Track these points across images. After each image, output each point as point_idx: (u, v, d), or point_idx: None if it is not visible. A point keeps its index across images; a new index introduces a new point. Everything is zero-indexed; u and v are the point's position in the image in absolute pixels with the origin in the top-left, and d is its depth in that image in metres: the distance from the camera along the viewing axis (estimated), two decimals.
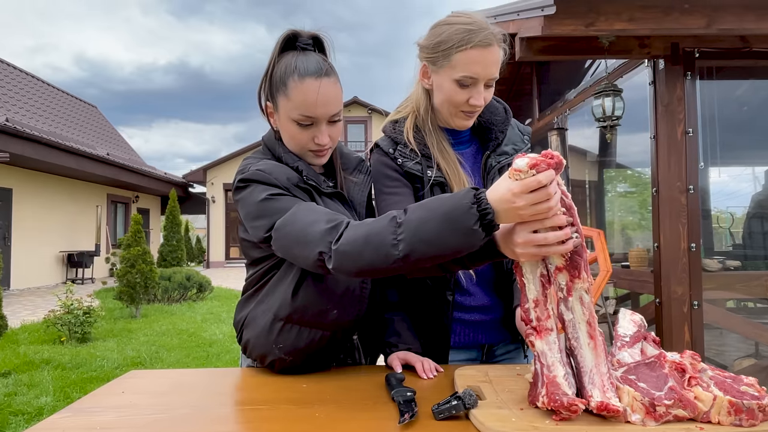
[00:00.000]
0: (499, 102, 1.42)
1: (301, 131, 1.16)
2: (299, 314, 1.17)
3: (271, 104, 1.21)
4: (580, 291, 0.94)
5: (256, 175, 1.14)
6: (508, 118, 1.40)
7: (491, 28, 1.23)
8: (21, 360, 5.13)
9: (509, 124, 1.40)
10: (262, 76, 1.21)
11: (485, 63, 1.21)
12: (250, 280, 1.28)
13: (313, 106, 1.13)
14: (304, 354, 1.19)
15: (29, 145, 10.51)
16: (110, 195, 16.16)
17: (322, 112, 1.14)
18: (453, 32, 1.22)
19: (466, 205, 0.90)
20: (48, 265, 13.07)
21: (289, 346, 1.18)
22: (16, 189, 11.72)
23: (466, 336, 1.42)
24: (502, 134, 1.38)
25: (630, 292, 4.35)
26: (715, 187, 3.74)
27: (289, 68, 1.14)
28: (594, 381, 0.89)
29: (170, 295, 9.64)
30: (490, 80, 1.25)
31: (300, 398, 1.05)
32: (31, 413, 3.67)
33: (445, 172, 1.30)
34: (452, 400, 0.89)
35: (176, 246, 12.66)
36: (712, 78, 3.16)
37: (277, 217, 1.09)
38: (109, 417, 0.95)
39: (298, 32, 1.18)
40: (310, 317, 1.17)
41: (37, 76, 16.68)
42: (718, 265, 3.29)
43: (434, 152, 1.31)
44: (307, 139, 1.17)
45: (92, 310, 6.21)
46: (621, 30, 2.75)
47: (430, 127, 1.34)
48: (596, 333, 0.93)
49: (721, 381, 0.89)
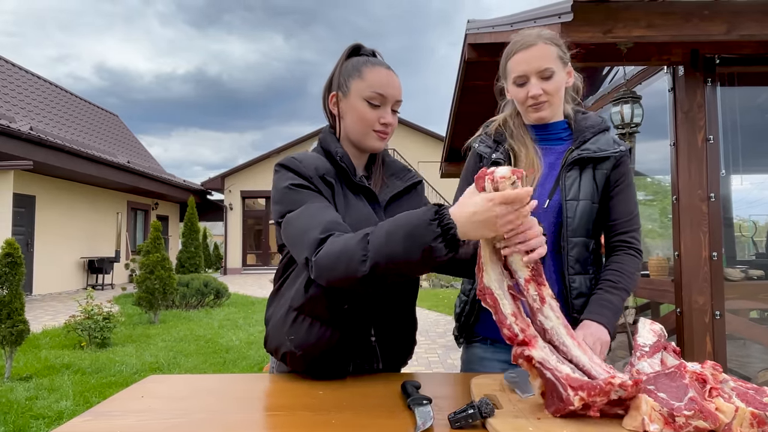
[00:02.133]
0: (601, 117, 1.53)
1: (370, 110, 1.26)
2: (311, 306, 1.21)
3: (339, 93, 1.30)
4: (548, 298, 0.97)
5: (288, 161, 1.24)
6: (602, 128, 1.49)
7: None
8: (42, 364, 5.22)
9: (602, 131, 1.48)
10: (328, 78, 1.34)
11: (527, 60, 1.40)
12: (279, 268, 1.35)
13: (386, 86, 1.26)
14: (316, 350, 1.21)
15: (52, 153, 10.73)
16: (130, 202, 16.40)
17: (392, 93, 1.26)
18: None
19: (425, 221, 0.95)
20: (69, 271, 13.29)
21: (300, 339, 1.22)
22: (39, 196, 11.95)
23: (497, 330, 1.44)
24: (592, 135, 1.47)
25: (650, 302, 4.29)
26: (737, 194, 3.68)
27: (362, 60, 1.29)
28: (599, 372, 0.91)
29: (188, 301, 9.73)
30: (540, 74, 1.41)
31: (316, 405, 1.05)
32: (52, 417, 3.73)
33: (518, 155, 1.46)
34: (469, 409, 0.89)
35: (194, 252, 12.81)
36: (733, 84, 3.12)
37: (290, 207, 1.18)
38: (129, 421, 0.96)
39: (361, 44, 1.35)
40: (321, 310, 1.20)
41: (61, 86, 17.04)
42: (740, 274, 3.23)
43: (515, 142, 1.48)
44: (375, 118, 1.26)
45: (112, 315, 6.29)
46: (639, 37, 2.72)
47: (516, 122, 1.52)
48: (573, 333, 0.98)
49: (744, 392, 0.87)
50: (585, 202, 1.42)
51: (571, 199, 1.42)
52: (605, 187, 1.45)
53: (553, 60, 1.40)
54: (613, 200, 1.45)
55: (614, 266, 1.41)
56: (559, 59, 1.42)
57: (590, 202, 1.43)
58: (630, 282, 1.39)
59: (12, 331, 4.53)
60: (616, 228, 1.45)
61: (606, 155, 1.44)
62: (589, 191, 1.42)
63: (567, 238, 1.42)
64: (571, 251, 1.42)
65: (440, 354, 5.94)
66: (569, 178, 1.43)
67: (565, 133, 1.51)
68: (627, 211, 1.45)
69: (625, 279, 1.38)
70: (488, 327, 1.50)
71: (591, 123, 1.49)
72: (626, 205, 1.45)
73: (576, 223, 1.42)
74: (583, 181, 1.43)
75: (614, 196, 1.45)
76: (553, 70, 1.40)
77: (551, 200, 1.44)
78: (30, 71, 15.60)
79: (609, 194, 1.46)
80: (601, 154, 1.43)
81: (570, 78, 1.48)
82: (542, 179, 1.46)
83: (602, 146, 1.45)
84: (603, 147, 1.45)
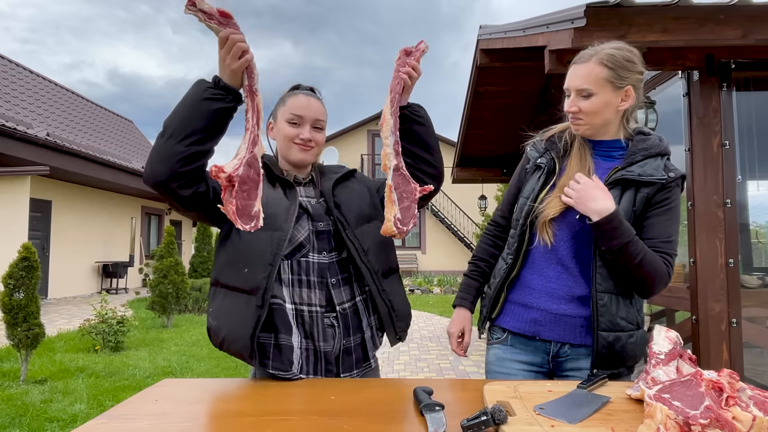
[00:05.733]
0: (661, 139, 1.49)
1: (290, 128, 1.48)
2: (222, 275, 1.39)
3: (272, 120, 1.56)
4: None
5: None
6: (654, 152, 1.44)
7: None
8: (57, 368, 5.27)
9: (654, 156, 1.44)
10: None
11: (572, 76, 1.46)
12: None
13: (302, 108, 1.48)
14: (232, 321, 1.30)
15: (69, 159, 10.87)
16: (144, 207, 16.56)
17: (308, 114, 1.48)
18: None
19: (197, 86, 1.27)
20: (84, 275, 13.43)
21: (216, 309, 1.36)
22: (55, 201, 12.11)
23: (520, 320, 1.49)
24: (642, 159, 1.43)
25: (665, 309, 4.24)
26: (753, 200, 3.62)
27: (289, 93, 1.54)
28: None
29: (201, 305, 9.79)
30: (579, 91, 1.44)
31: (329, 410, 1.05)
32: (66, 420, 3.76)
33: (570, 164, 1.49)
34: (482, 416, 0.89)
35: (207, 257, 12.87)
36: (749, 89, 3.09)
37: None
38: (144, 424, 0.97)
39: (300, 84, 1.58)
40: (229, 278, 1.36)
41: (76, 92, 17.28)
42: (757, 281, 3.18)
43: (573, 150, 1.51)
44: (294, 134, 1.47)
45: (125, 319, 6.35)
46: (654, 41, 2.71)
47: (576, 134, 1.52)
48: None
49: (762, 401, 0.86)
50: None
51: None
52: (644, 208, 1.41)
53: (596, 81, 1.40)
54: (650, 220, 1.41)
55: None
56: (606, 81, 1.39)
57: None
58: (652, 263, 1.34)
59: (28, 335, 4.58)
60: (651, 247, 1.37)
61: (650, 180, 1.39)
62: (626, 212, 1.38)
63: (597, 255, 1.40)
64: (600, 269, 1.39)
65: (452, 360, 5.91)
66: None
67: (618, 152, 1.49)
68: (664, 233, 1.39)
69: (649, 255, 1.34)
70: (508, 318, 1.52)
71: (645, 146, 1.45)
72: (664, 227, 1.40)
73: None
74: (623, 202, 1.40)
75: (652, 217, 1.41)
76: (592, 91, 1.40)
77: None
78: (47, 78, 15.84)
79: (647, 215, 1.41)
80: (646, 178, 1.39)
81: (626, 101, 1.44)
82: None
83: (648, 170, 1.40)
84: (649, 171, 1.40)
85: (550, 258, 1.47)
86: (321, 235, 1.43)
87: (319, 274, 1.40)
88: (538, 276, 1.48)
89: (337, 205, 1.48)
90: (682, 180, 1.44)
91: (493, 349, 1.56)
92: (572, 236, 1.44)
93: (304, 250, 1.40)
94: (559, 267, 1.46)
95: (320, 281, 1.40)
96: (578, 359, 1.44)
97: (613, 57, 1.40)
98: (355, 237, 1.44)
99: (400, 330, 1.47)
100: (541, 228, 1.46)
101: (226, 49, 1.19)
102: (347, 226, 1.44)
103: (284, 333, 1.33)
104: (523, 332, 1.48)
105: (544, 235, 1.46)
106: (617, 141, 1.49)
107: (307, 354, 1.36)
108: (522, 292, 1.51)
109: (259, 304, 1.29)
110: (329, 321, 1.39)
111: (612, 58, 1.40)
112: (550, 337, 1.45)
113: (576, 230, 1.43)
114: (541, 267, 1.48)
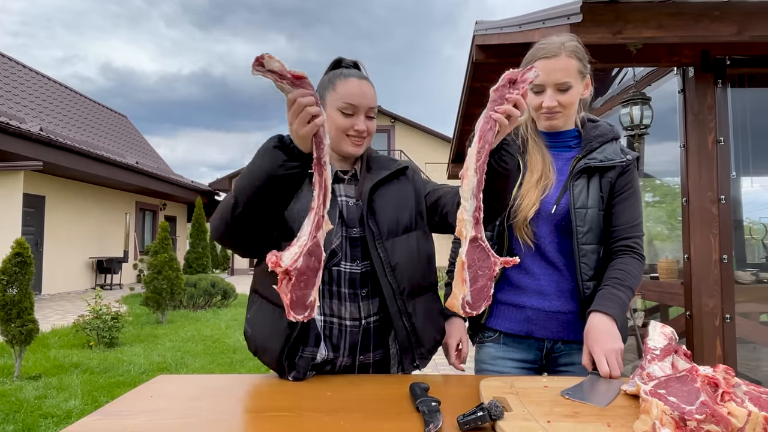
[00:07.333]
0: (611, 125, 1.54)
1: (343, 119, 1.33)
2: (259, 285, 1.37)
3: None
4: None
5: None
6: (609, 137, 1.50)
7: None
8: (51, 363, 5.25)
9: (609, 141, 1.49)
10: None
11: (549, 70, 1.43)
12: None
13: (356, 95, 1.33)
14: (265, 332, 1.30)
15: (62, 154, 10.81)
16: (139, 203, 16.49)
17: (362, 102, 1.33)
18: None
19: (265, 147, 1.14)
20: (78, 270, 13.38)
21: (252, 317, 1.36)
22: (48, 196, 12.04)
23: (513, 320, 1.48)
24: (600, 145, 1.48)
25: (659, 304, 4.26)
26: (747, 197, 3.64)
27: (337, 73, 1.37)
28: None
29: (195, 301, 9.77)
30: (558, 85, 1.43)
31: (325, 406, 1.05)
32: (60, 416, 3.75)
33: (533, 163, 1.48)
34: (478, 411, 0.89)
35: (202, 253, 12.86)
36: (744, 86, 3.09)
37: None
38: (139, 420, 0.97)
39: (343, 58, 1.42)
40: (264, 289, 1.33)
41: (70, 87, 17.16)
42: (751, 277, 3.20)
43: (530, 149, 1.51)
44: (348, 126, 1.33)
45: (120, 315, 6.33)
46: (649, 38, 2.71)
47: (531, 129, 1.54)
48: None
49: (757, 396, 0.86)
50: (593, 210, 1.44)
51: (580, 207, 1.43)
52: (610, 193, 1.46)
53: (572, 74, 1.42)
54: (618, 207, 1.46)
55: (619, 266, 1.41)
56: (578, 73, 1.43)
57: (597, 210, 1.44)
58: (634, 282, 1.39)
59: (21, 330, 4.56)
60: (619, 233, 1.45)
61: (612, 164, 1.45)
62: (596, 200, 1.44)
63: (579, 246, 1.42)
64: (583, 258, 1.43)
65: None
66: (577, 187, 1.44)
67: (574, 141, 1.53)
68: (631, 218, 1.45)
69: (630, 278, 1.38)
70: (499, 320, 1.52)
71: (599, 132, 1.50)
72: (631, 212, 1.46)
73: (586, 231, 1.43)
74: (591, 189, 1.45)
75: (619, 203, 1.46)
76: (571, 84, 1.42)
77: (558, 206, 1.45)
78: (39, 72, 15.72)
79: (613, 201, 1.46)
80: (608, 163, 1.45)
81: (587, 90, 1.49)
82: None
83: (609, 155, 1.46)
84: (610, 156, 1.46)
85: (534, 255, 1.47)
86: (354, 242, 1.33)
87: (350, 285, 1.32)
88: (525, 275, 1.48)
89: (373, 211, 1.34)
90: (637, 161, 1.51)
91: (486, 347, 1.55)
92: (552, 229, 1.46)
93: (336, 259, 1.30)
94: (544, 263, 1.47)
95: (351, 293, 1.32)
96: (572, 354, 1.45)
97: (578, 48, 1.44)
98: (384, 249, 1.31)
99: (420, 357, 1.35)
100: (520, 230, 1.46)
101: (294, 113, 1.05)
102: (377, 237, 1.32)
103: (312, 346, 1.29)
104: (517, 332, 1.48)
105: (524, 237, 1.46)
106: (572, 130, 1.53)
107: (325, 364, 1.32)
108: (511, 292, 1.50)
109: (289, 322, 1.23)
110: (355, 334, 1.32)
111: (578, 49, 1.44)
112: (543, 335, 1.46)
113: (555, 222, 1.45)
114: (526, 265, 1.48)
